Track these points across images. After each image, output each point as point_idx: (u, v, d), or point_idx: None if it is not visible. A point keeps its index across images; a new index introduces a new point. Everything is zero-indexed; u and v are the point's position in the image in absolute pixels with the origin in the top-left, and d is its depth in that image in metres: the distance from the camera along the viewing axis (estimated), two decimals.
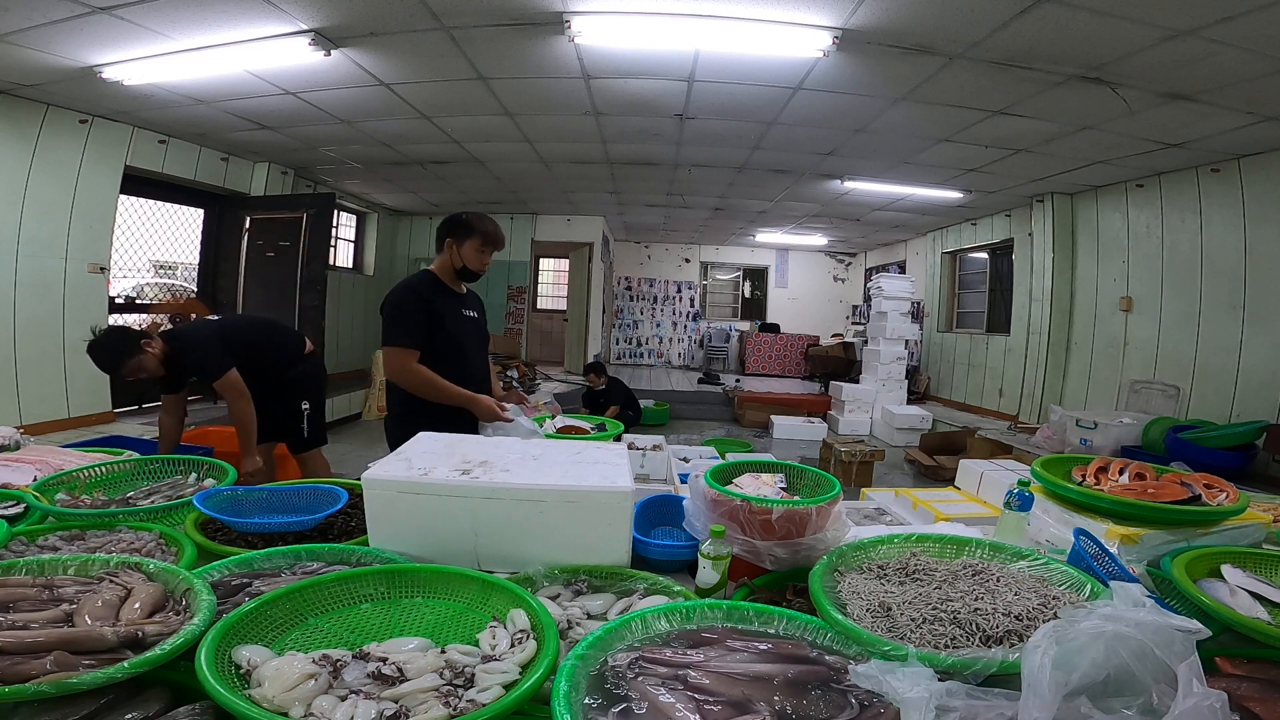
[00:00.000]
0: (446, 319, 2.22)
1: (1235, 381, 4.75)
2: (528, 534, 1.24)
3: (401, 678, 0.82)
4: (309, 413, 3.10)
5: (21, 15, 3.12)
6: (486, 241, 2.31)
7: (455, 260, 2.29)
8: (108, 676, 0.75)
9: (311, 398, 3.13)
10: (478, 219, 2.32)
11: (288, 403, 3.05)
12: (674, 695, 0.77)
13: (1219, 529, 1.42)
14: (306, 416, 3.09)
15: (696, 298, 12.44)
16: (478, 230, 2.29)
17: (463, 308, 2.34)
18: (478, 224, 2.30)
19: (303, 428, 3.09)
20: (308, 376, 3.14)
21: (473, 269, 2.30)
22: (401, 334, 2.14)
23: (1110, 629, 0.75)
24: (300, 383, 3.09)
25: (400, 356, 2.14)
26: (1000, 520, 1.52)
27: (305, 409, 3.08)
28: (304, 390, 3.10)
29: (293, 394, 3.06)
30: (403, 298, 2.18)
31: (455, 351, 2.24)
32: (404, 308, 2.16)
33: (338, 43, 3.51)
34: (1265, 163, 4.54)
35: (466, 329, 2.33)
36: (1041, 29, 3.00)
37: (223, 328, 2.91)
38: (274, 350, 3.02)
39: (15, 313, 4.39)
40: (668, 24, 3.23)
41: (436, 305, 2.20)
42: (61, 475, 1.62)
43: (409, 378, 2.15)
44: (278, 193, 6.54)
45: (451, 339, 2.23)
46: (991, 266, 8.10)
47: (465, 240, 2.28)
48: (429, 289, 2.24)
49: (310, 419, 3.11)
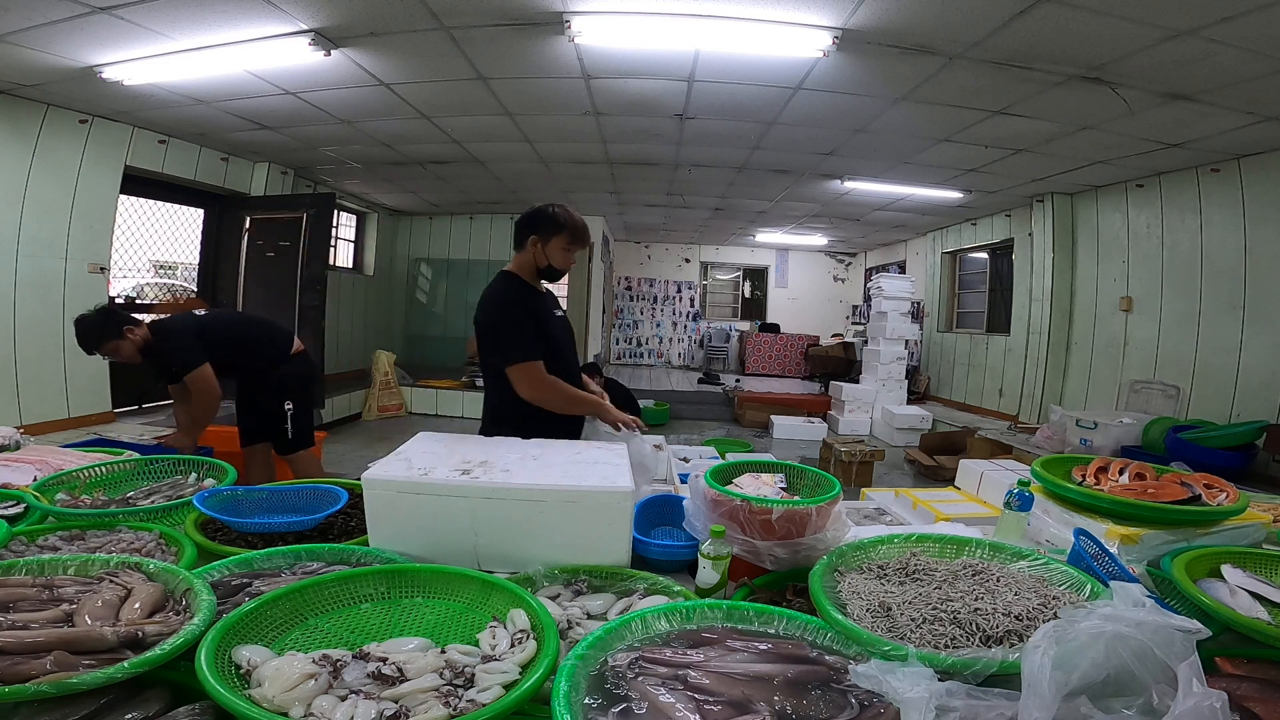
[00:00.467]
0: (544, 322, 2.07)
1: (1235, 381, 4.75)
2: (528, 534, 1.24)
3: (401, 678, 0.82)
4: (292, 414, 3.04)
5: (21, 15, 3.12)
6: (575, 238, 2.12)
7: (540, 258, 2.10)
8: (108, 676, 0.75)
9: (296, 398, 3.07)
10: (565, 213, 2.12)
11: (270, 402, 3.02)
12: (674, 695, 0.77)
13: (1219, 529, 1.42)
14: (290, 417, 3.04)
15: (696, 298, 12.45)
16: (566, 226, 2.10)
17: (553, 308, 2.20)
18: (566, 219, 2.10)
19: (286, 429, 3.03)
20: (294, 377, 3.08)
21: (558, 268, 2.13)
22: (522, 349, 1.98)
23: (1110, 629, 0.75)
24: (286, 383, 3.04)
25: (530, 371, 1.97)
26: (1000, 520, 1.52)
27: (288, 409, 3.03)
28: (289, 391, 3.05)
29: (275, 394, 3.03)
30: (507, 310, 2.01)
31: (557, 355, 2.08)
32: (513, 320, 2.00)
33: (338, 43, 3.51)
34: (1265, 163, 4.53)
35: (560, 330, 2.18)
36: (1041, 29, 3.00)
37: (203, 323, 2.91)
38: (258, 347, 3.00)
39: (15, 313, 4.39)
40: (668, 24, 3.23)
41: (533, 308, 2.05)
42: (61, 475, 1.62)
43: (545, 391, 1.98)
44: (278, 193, 6.54)
45: (553, 342, 2.07)
46: (991, 266, 8.10)
47: (552, 237, 2.09)
48: (524, 293, 2.07)
49: (295, 420, 3.05)
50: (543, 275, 2.16)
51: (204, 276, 6.37)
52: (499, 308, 2.02)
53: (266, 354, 3.03)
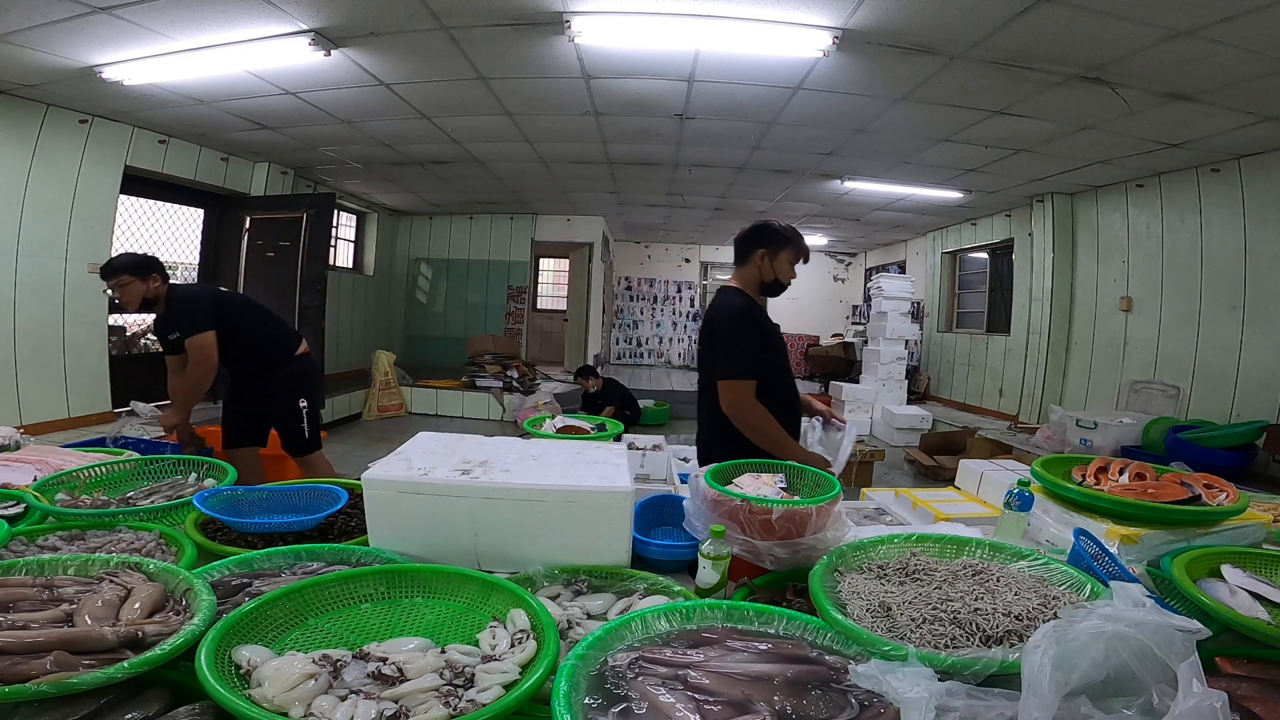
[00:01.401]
0: (768, 337, 2.06)
1: (1235, 381, 4.75)
2: (528, 534, 1.24)
3: (401, 678, 0.82)
4: (308, 411, 3.06)
5: (21, 15, 3.12)
6: (801, 253, 2.11)
7: (766, 272, 2.08)
8: (108, 676, 0.75)
9: (308, 396, 3.08)
10: (790, 229, 2.11)
11: (281, 401, 3.01)
12: (674, 695, 0.77)
13: (1219, 529, 1.42)
14: (306, 415, 3.05)
15: (696, 298, 12.44)
16: (794, 241, 2.09)
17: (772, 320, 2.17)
18: (792, 233, 2.10)
19: (303, 427, 3.04)
20: (303, 376, 3.09)
21: (784, 283, 2.11)
22: (740, 365, 1.97)
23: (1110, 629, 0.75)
24: (295, 380, 3.04)
25: (739, 389, 1.95)
26: (1000, 520, 1.52)
27: (303, 407, 3.04)
28: (299, 389, 3.05)
29: (286, 393, 3.02)
30: (739, 325, 2.01)
31: (779, 373, 2.07)
32: (742, 336, 1.99)
33: (338, 43, 3.51)
34: (1265, 163, 4.53)
35: (780, 345, 2.15)
36: (1041, 29, 3.00)
37: (223, 297, 2.96)
38: (265, 340, 2.99)
39: (15, 313, 4.39)
40: (668, 24, 3.22)
41: (760, 323, 2.04)
42: (61, 475, 1.62)
43: (748, 413, 1.96)
44: (278, 193, 6.54)
45: (778, 357, 2.09)
46: (991, 266, 8.10)
47: (781, 251, 2.08)
48: (756, 310, 2.05)
49: (310, 418, 3.06)
50: (767, 290, 2.13)
51: (204, 276, 6.37)
52: (740, 320, 2.01)
53: (271, 348, 3.01)
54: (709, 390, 2.08)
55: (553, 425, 2.46)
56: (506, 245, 9.49)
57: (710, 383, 2.06)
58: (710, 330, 2.06)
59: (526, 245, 9.48)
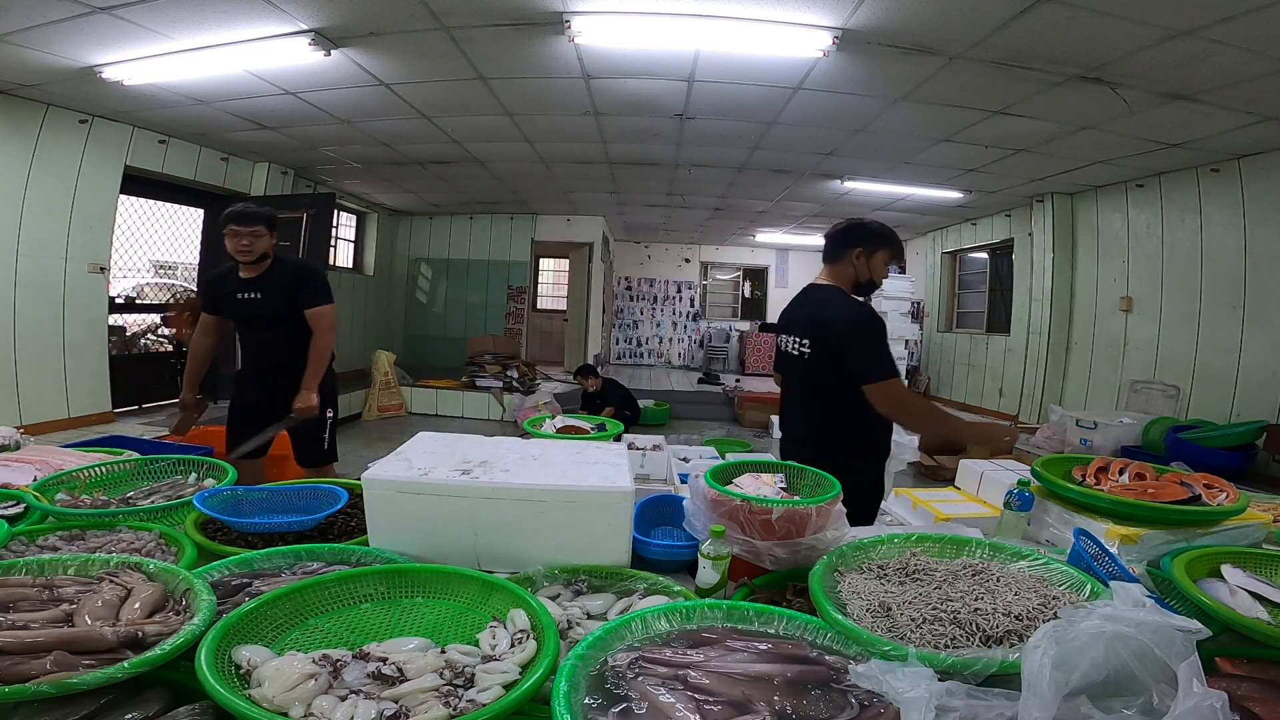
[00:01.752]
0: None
1: (1235, 381, 4.75)
2: (528, 534, 1.24)
3: (401, 678, 0.82)
4: (331, 422, 2.90)
5: (21, 15, 3.12)
6: (896, 254, 2.09)
7: (862, 272, 2.06)
8: (108, 676, 0.75)
9: (334, 407, 2.93)
10: (885, 228, 2.09)
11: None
12: (674, 695, 0.77)
13: (1219, 529, 1.42)
14: (330, 427, 2.89)
15: (696, 298, 12.44)
16: (890, 242, 2.07)
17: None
18: (889, 234, 2.08)
19: (324, 437, 2.89)
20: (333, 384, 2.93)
21: (878, 282, 2.10)
22: (888, 366, 1.94)
23: (1110, 629, 0.75)
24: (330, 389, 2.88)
25: (893, 389, 1.93)
26: (1000, 520, 1.52)
27: (330, 418, 2.88)
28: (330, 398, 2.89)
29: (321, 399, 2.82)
30: (870, 325, 1.97)
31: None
32: (876, 335, 1.96)
33: (338, 43, 3.51)
34: (1265, 163, 4.54)
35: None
36: (1041, 29, 3.00)
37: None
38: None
39: (15, 313, 4.40)
40: (668, 24, 3.23)
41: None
42: (61, 475, 1.62)
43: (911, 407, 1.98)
44: (278, 193, 6.54)
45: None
46: (991, 266, 8.10)
47: (877, 250, 2.05)
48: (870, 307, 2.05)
49: (331, 429, 2.91)
50: (861, 289, 2.10)
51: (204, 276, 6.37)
52: (869, 320, 1.95)
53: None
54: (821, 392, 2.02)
55: (553, 425, 2.45)
56: (506, 245, 9.49)
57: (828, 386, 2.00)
58: (827, 333, 1.98)
59: (526, 245, 9.48)
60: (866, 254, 2.05)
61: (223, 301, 2.75)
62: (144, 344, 5.92)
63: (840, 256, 2.07)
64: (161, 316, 5.91)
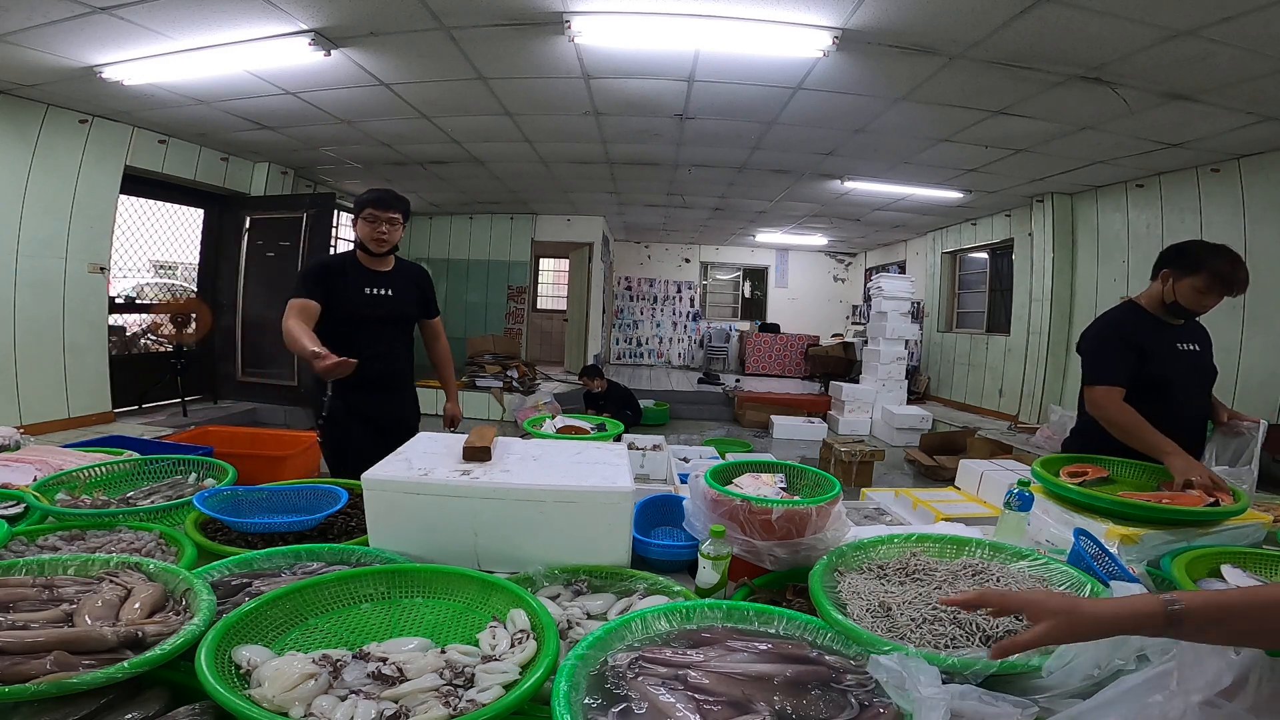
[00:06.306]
0: (1155, 356, 2.01)
1: (1235, 381, 4.75)
2: (528, 534, 1.24)
3: (401, 678, 0.82)
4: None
5: (21, 15, 3.12)
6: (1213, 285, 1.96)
7: (1167, 294, 2.03)
8: (108, 676, 0.75)
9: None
10: (1208, 253, 1.98)
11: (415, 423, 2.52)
12: (674, 695, 0.77)
13: (1219, 529, 1.42)
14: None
15: (696, 298, 12.44)
16: (1204, 270, 1.95)
17: (1177, 341, 2.08)
18: (1207, 262, 1.96)
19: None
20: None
21: (1185, 308, 2.02)
22: (1101, 373, 2.00)
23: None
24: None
25: (1095, 394, 1.99)
26: (1000, 520, 1.52)
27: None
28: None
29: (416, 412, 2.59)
30: (1104, 335, 2.05)
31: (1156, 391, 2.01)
32: (1106, 342, 2.03)
33: (338, 43, 3.51)
34: (1265, 163, 4.53)
35: (1180, 367, 2.06)
36: (1041, 29, 3.00)
37: None
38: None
39: (15, 313, 4.40)
40: (668, 24, 3.22)
41: (1141, 339, 2.01)
42: (61, 475, 1.62)
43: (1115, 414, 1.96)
44: (278, 193, 6.54)
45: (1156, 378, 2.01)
46: (991, 266, 8.10)
47: (1186, 276, 1.98)
48: (1135, 324, 2.05)
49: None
50: (1170, 310, 2.06)
51: (204, 276, 6.38)
52: (1097, 332, 2.08)
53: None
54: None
55: (553, 425, 2.46)
56: (506, 245, 9.49)
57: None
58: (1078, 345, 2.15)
59: (526, 245, 9.47)
60: (1175, 277, 2.01)
61: (341, 294, 2.23)
62: (144, 344, 5.92)
63: (1155, 273, 2.10)
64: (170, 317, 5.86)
